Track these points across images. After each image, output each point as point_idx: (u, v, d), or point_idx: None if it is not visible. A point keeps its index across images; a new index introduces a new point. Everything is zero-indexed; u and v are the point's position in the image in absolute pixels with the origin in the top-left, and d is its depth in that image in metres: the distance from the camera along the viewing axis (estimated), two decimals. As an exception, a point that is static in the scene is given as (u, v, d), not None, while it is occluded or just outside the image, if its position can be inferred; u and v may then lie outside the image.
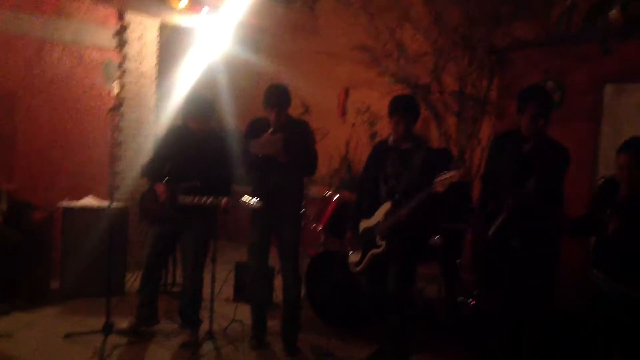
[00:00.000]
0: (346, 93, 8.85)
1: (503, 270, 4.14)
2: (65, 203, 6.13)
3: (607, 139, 6.49)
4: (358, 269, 4.62)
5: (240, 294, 6.12)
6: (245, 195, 4.61)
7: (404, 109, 4.46)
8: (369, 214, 4.57)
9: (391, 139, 4.55)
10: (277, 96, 4.80)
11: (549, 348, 4.23)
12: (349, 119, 8.72)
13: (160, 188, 4.87)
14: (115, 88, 7.17)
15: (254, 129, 4.90)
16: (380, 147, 4.67)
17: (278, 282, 5.47)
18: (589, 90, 6.50)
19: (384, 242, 4.41)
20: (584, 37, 6.34)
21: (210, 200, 4.65)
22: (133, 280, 5.95)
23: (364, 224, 4.61)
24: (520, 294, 4.07)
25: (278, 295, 5.49)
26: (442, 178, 3.99)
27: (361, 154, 8.66)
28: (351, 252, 4.71)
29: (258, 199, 4.61)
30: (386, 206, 4.45)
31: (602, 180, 3.78)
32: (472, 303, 5.01)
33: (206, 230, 4.95)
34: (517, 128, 4.18)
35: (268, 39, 9.08)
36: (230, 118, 8.17)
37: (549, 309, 4.12)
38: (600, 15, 6.24)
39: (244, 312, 5.49)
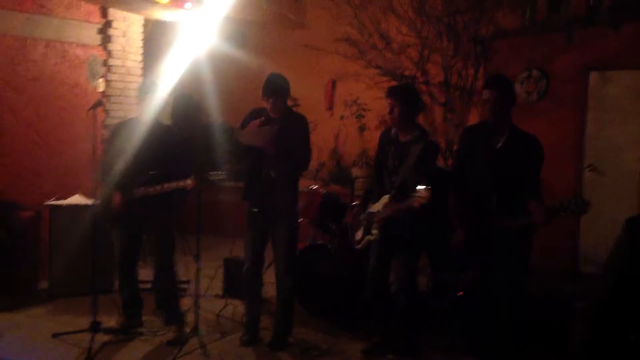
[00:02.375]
0: (333, 86, 8.84)
1: (477, 255, 4.16)
2: (52, 202, 6.11)
3: (593, 126, 6.50)
4: (358, 246, 4.76)
5: (230, 289, 6.10)
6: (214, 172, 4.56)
7: (398, 93, 4.45)
8: (377, 199, 4.62)
9: (393, 130, 4.56)
10: (273, 85, 4.72)
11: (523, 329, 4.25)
12: (337, 112, 8.71)
13: (116, 198, 4.82)
14: (101, 85, 7.14)
15: (252, 119, 4.77)
16: (384, 136, 4.68)
17: (267, 276, 5.44)
18: (573, 78, 6.51)
19: (376, 232, 4.53)
20: (548, 26, 6.39)
21: (174, 184, 4.60)
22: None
23: (370, 207, 4.66)
24: (494, 277, 4.08)
25: (267, 290, 5.44)
26: (419, 195, 4.04)
27: (350, 147, 8.66)
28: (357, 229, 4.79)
29: (250, 196, 4.62)
30: (385, 198, 4.51)
31: None
32: (459, 294, 5.02)
33: (167, 223, 4.93)
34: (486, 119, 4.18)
35: (254, 32, 9.05)
36: (217, 113, 8.14)
37: (523, 292, 4.14)
38: (562, 4, 6.30)
39: (234, 307, 5.52)
